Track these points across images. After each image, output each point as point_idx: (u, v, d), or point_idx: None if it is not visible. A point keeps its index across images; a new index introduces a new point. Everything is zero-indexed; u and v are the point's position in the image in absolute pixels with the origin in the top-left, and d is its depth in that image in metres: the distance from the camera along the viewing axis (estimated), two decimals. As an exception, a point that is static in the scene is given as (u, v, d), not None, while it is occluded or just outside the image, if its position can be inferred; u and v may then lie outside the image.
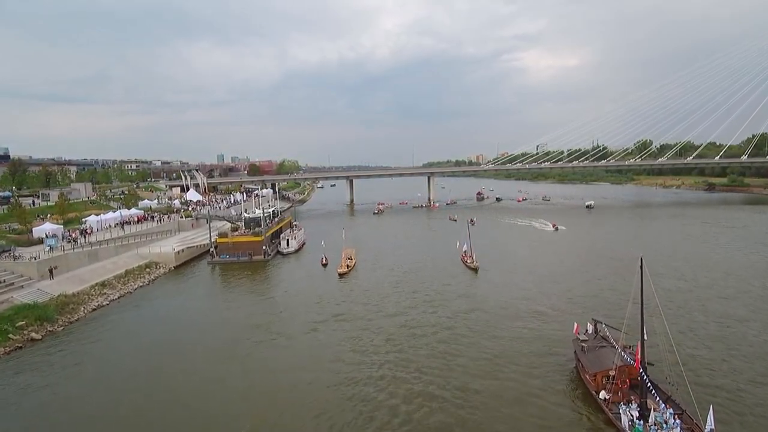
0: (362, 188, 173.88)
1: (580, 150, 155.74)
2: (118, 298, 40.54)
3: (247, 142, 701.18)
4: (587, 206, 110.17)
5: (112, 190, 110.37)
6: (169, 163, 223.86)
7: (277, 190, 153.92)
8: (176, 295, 42.78)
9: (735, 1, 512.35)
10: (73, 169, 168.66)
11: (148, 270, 47.99)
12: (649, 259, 48.92)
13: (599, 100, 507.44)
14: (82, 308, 36.57)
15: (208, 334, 32.16)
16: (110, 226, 58.59)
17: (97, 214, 61.04)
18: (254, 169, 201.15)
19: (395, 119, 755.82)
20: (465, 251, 49.89)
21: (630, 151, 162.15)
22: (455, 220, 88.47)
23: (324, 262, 52.36)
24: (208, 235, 56.26)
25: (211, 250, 55.17)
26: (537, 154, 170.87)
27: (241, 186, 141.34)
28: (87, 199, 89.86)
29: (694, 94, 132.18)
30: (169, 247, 52.61)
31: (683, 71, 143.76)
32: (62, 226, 53.28)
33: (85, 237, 51.21)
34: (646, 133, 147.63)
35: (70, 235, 50.08)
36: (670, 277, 41.29)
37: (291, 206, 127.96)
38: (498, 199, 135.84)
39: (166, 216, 71.16)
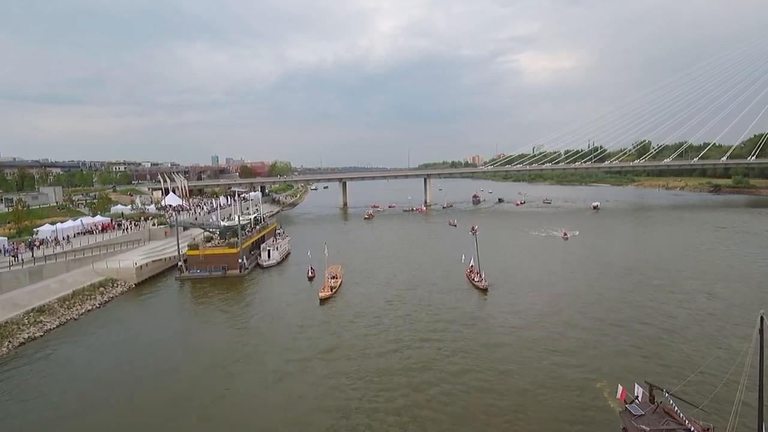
0: (357, 190, 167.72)
1: (579, 151, 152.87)
2: (57, 326, 33.81)
3: (243, 144, 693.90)
4: (594, 207, 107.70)
5: (89, 194, 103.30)
6: (158, 164, 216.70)
7: (266, 193, 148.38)
8: (129, 321, 36.16)
9: (733, 2, 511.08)
10: (56, 171, 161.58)
11: (101, 289, 41.35)
12: (686, 273, 43.05)
13: (596, 101, 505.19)
14: (7, 343, 29.92)
15: (154, 380, 25.64)
16: (67, 236, 51.82)
17: (52, 223, 54.32)
18: (246, 171, 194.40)
19: (392, 121, 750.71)
20: (471, 266, 43.49)
21: (630, 152, 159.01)
22: (455, 225, 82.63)
23: (310, 274, 46.94)
24: (177, 246, 49.46)
25: (180, 263, 48.52)
26: (534, 155, 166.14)
27: (229, 188, 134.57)
28: (56, 204, 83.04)
29: (694, 95, 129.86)
30: (129, 261, 45.96)
31: (682, 72, 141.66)
32: (7, 238, 46.63)
33: (33, 250, 44.51)
34: (645, 134, 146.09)
35: (14, 249, 43.43)
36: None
37: (278, 211, 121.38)
38: (500, 200, 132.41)
39: (136, 223, 64.52)
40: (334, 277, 42.24)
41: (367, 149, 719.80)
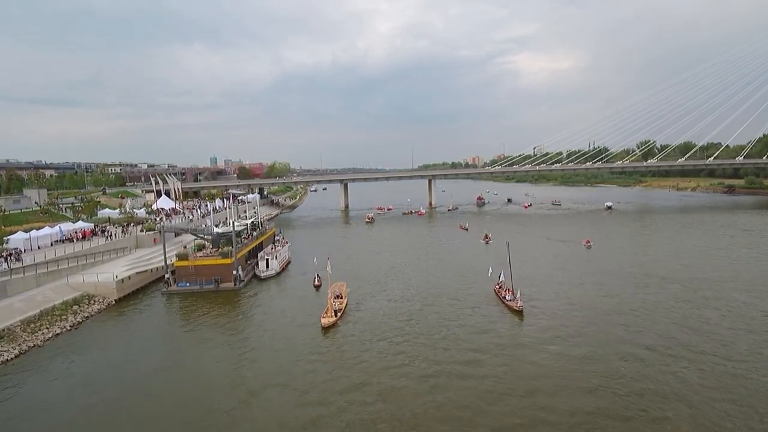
0: (357, 192, 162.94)
1: (585, 152, 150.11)
2: (16, 357, 28.53)
3: (242, 146, 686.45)
4: (607, 207, 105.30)
5: (77, 197, 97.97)
6: (154, 166, 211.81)
7: (265, 195, 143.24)
8: (105, 347, 30.86)
9: (732, 2, 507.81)
10: (50, 173, 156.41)
11: (76, 307, 36.12)
12: (731, 283, 36.72)
13: (594, 102, 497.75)
14: (-50, 379, 24.89)
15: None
16: (42, 245, 46.63)
17: (28, 230, 49.09)
18: (244, 172, 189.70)
19: (391, 122, 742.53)
20: (502, 282, 37.85)
21: (635, 153, 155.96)
22: (466, 229, 77.62)
23: (316, 282, 43.33)
24: (164, 256, 44.12)
25: (167, 276, 43.21)
26: (536, 156, 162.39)
27: (226, 190, 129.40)
28: (39, 208, 77.75)
29: (700, 96, 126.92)
30: (109, 274, 40.74)
31: (686, 73, 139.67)
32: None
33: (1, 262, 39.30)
34: (650, 136, 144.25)
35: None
36: None
37: (277, 214, 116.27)
38: (509, 200, 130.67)
39: (123, 230, 59.31)
40: (338, 297, 36.46)
41: (366, 150, 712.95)
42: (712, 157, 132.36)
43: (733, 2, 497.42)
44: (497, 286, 37.80)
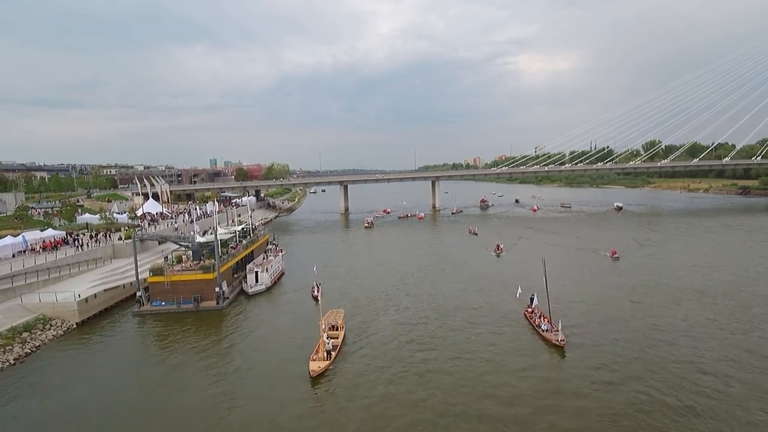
0: (357, 194, 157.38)
1: (587, 153, 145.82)
2: (-65, 404, 23.15)
3: (242, 147, 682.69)
4: (617, 207, 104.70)
5: (60, 201, 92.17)
6: (150, 167, 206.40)
7: (261, 197, 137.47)
8: (56, 387, 24.99)
9: (731, 4, 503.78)
10: (40, 175, 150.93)
11: (26, 334, 30.48)
12: None
13: (594, 103, 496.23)
14: None
15: None
16: (2, 257, 41.03)
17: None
18: (241, 174, 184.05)
19: (390, 123, 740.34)
20: (535, 306, 31.67)
21: (642, 154, 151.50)
22: (476, 234, 72.32)
23: (315, 293, 38.39)
24: (135, 269, 38.30)
25: (139, 294, 37.50)
26: (538, 156, 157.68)
27: (221, 192, 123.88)
28: (16, 212, 72.01)
29: (709, 97, 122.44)
30: (70, 293, 35.02)
31: (689, 74, 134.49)
32: None
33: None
34: (657, 137, 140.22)
35: None
36: None
37: (273, 218, 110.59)
38: (516, 201, 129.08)
39: (96, 237, 53.58)
40: (333, 328, 29.73)
41: (367, 151, 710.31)
42: (728, 157, 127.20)
43: (732, 5, 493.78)
44: (528, 310, 31.84)
